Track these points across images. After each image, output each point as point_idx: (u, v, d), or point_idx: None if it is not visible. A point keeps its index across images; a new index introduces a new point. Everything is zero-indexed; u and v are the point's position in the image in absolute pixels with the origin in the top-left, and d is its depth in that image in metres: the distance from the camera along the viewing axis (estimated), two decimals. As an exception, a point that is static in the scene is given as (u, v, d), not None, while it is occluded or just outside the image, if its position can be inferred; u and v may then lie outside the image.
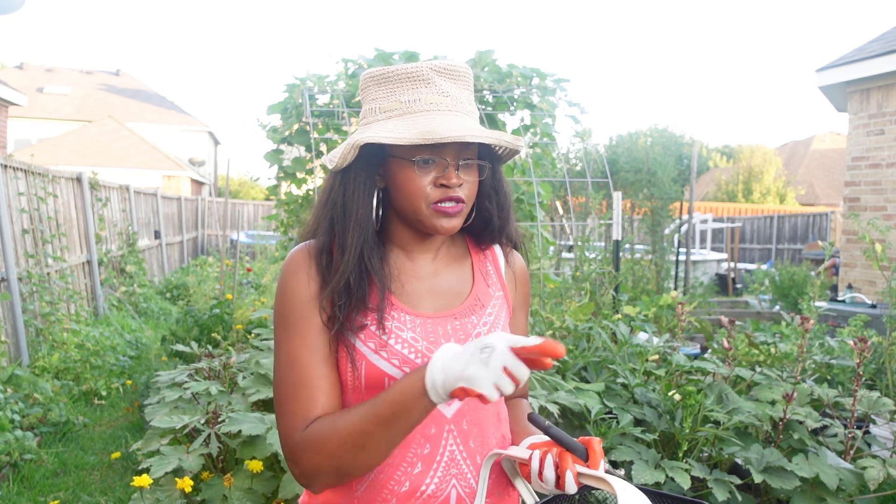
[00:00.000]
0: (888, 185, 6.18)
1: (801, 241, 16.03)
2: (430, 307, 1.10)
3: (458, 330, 1.08)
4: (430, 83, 1.05)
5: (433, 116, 1.03)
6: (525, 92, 4.32)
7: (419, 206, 1.04)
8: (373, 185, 1.07)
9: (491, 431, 1.11)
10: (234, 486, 2.27)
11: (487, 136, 1.01)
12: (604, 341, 2.81)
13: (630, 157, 8.78)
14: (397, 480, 1.02)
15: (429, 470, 1.03)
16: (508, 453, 1.04)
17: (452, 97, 1.06)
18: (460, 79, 1.08)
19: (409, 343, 1.04)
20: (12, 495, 3.32)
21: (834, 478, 2.12)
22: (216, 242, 16.89)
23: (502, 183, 1.15)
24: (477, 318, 1.11)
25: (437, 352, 0.92)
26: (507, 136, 1.05)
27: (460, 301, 1.12)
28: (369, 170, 1.07)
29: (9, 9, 4.82)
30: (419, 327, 1.06)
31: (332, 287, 1.04)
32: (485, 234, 1.18)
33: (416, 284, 1.11)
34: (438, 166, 1.03)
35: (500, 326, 1.13)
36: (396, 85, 1.06)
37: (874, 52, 6.18)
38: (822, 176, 31.42)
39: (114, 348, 5.80)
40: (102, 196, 8.19)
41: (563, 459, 0.96)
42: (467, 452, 1.06)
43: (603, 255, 5.24)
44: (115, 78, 30.87)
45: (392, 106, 1.06)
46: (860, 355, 2.42)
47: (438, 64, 1.07)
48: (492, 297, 1.15)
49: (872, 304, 4.71)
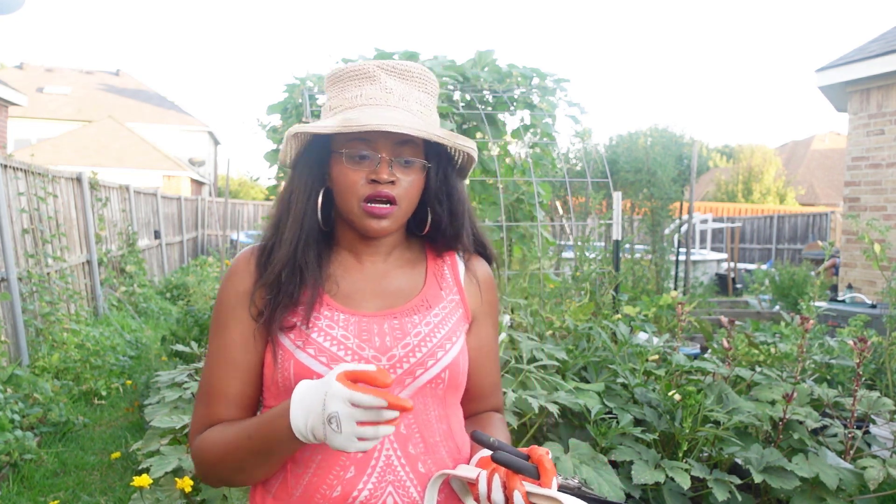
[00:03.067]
0: (888, 185, 6.18)
1: (801, 241, 16.03)
2: (372, 307, 1.06)
3: (395, 329, 1.04)
4: (376, 80, 1.03)
5: (367, 109, 1.01)
6: (525, 92, 4.32)
7: (351, 204, 1.02)
8: (316, 183, 1.05)
9: (438, 440, 1.05)
10: (234, 487, 2.26)
11: (418, 129, 0.96)
12: (604, 341, 2.81)
13: (630, 157, 8.78)
14: (329, 485, 0.98)
15: (362, 475, 0.98)
16: (456, 473, 0.99)
17: (396, 94, 1.03)
18: (412, 79, 1.05)
19: (339, 340, 1.00)
20: (12, 495, 3.32)
21: (834, 478, 2.12)
22: (216, 242, 16.89)
23: (456, 189, 1.10)
24: (420, 317, 1.06)
25: (293, 398, 0.89)
26: (442, 132, 1.00)
27: (405, 301, 1.08)
28: (314, 168, 1.05)
29: (9, 9, 4.82)
30: (353, 325, 1.02)
31: (263, 281, 1.03)
32: (439, 240, 1.14)
33: (360, 285, 1.08)
34: (372, 162, 1.01)
35: (447, 327, 1.07)
36: (346, 83, 1.05)
37: (874, 52, 6.18)
38: (822, 176, 31.41)
39: (114, 348, 5.80)
40: (102, 196, 8.19)
41: (512, 479, 0.91)
42: (406, 458, 1.01)
43: (603, 255, 5.24)
44: (115, 78, 30.86)
45: (339, 103, 1.05)
46: (860, 355, 2.42)
47: (389, 63, 1.05)
48: (443, 299, 1.10)
49: (872, 304, 4.71)
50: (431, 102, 1.09)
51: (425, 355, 1.03)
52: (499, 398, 1.23)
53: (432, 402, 1.05)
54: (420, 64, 1.09)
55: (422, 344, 1.03)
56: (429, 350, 1.03)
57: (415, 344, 1.03)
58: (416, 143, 1.03)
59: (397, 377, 1.01)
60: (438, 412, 1.06)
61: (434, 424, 1.05)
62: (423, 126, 0.99)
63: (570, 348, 2.79)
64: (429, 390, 1.04)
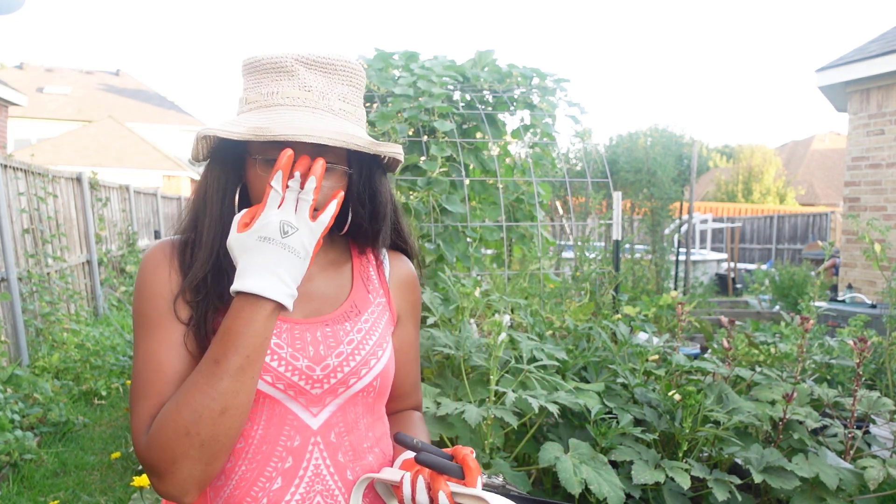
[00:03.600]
0: (888, 185, 6.18)
1: (801, 241, 16.03)
2: (300, 312, 1.02)
3: (328, 336, 1.00)
4: (294, 75, 0.96)
5: (282, 112, 0.94)
6: (525, 92, 4.32)
7: None
8: (230, 183, 1.00)
9: (366, 447, 1.04)
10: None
11: (336, 139, 0.90)
12: (604, 341, 2.81)
13: (630, 157, 8.79)
14: (254, 497, 0.95)
15: (290, 486, 0.96)
16: (380, 476, 0.98)
17: (316, 92, 0.96)
18: (334, 72, 0.98)
19: (272, 349, 0.96)
20: (12, 495, 3.32)
21: (834, 478, 2.12)
22: (216, 242, 16.88)
23: (379, 191, 1.06)
24: (351, 324, 1.04)
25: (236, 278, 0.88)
26: (362, 141, 0.94)
27: (334, 307, 1.05)
28: (227, 165, 1.00)
29: (9, 9, 4.83)
30: (285, 333, 0.98)
31: (188, 283, 0.97)
32: (359, 239, 1.11)
33: None
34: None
35: (377, 333, 1.06)
36: (262, 75, 0.98)
37: (874, 52, 6.18)
38: (822, 176, 31.41)
39: (114, 348, 5.80)
40: (102, 196, 8.19)
41: (436, 480, 0.90)
42: (335, 467, 0.99)
43: (603, 255, 5.24)
44: (115, 78, 30.87)
45: (254, 97, 0.98)
46: (860, 355, 2.42)
47: (309, 55, 0.98)
48: (371, 303, 1.08)
49: (872, 304, 4.71)
50: (356, 97, 1.02)
51: (359, 364, 1.01)
52: (418, 397, 1.23)
53: (363, 409, 1.04)
54: (342, 54, 1.01)
55: (355, 352, 1.01)
56: (362, 358, 1.02)
57: (348, 352, 1.01)
58: (337, 149, 0.98)
59: (330, 387, 0.99)
60: (368, 420, 1.05)
61: (363, 432, 1.04)
62: (344, 132, 0.93)
63: (570, 348, 2.79)
64: (360, 398, 1.03)
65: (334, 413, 1.00)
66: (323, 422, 0.99)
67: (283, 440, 0.96)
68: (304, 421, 0.98)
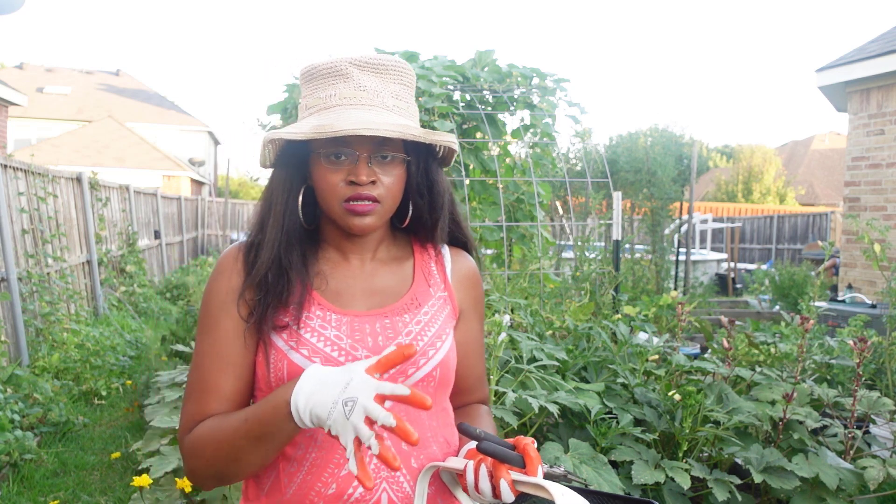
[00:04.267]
0: (888, 185, 6.18)
1: (801, 241, 16.03)
2: (362, 305, 1.07)
3: (387, 328, 1.05)
4: (349, 78, 1.02)
5: (341, 111, 1.00)
6: (525, 92, 4.32)
7: (332, 205, 1.02)
8: (295, 183, 1.05)
9: (430, 436, 1.07)
10: (234, 486, 2.27)
11: (392, 130, 0.95)
12: (604, 341, 2.81)
13: (630, 157, 8.79)
14: (324, 482, 0.99)
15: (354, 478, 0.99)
16: (445, 465, 1.00)
17: (370, 91, 1.02)
18: (386, 72, 1.04)
19: (332, 341, 1.01)
20: (12, 495, 3.32)
21: (834, 478, 2.12)
22: (216, 242, 16.89)
23: (437, 181, 1.10)
24: (410, 316, 1.07)
25: (306, 374, 0.88)
26: (418, 131, 0.99)
27: (395, 300, 1.09)
28: (292, 168, 1.05)
29: (9, 9, 4.82)
30: (345, 325, 1.03)
31: (250, 281, 1.03)
32: (420, 232, 1.15)
33: (349, 283, 1.08)
34: (350, 162, 1.00)
35: (437, 325, 1.08)
36: (319, 81, 1.04)
37: (874, 52, 6.18)
38: (822, 176, 31.42)
39: (114, 348, 5.80)
40: (102, 196, 8.19)
41: (498, 469, 0.93)
42: (399, 455, 1.02)
43: (603, 255, 5.24)
44: (115, 78, 30.86)
45: (314, 102, 1.04)
46: (860, 355, 2.42)
47: (361, 57, 1.04)
48: (431, 296, 1.11)
49: (872, 304, 4.71)
50: (408, 94, 1.07)
51: (417, 354, 1.03)
52: (485, 391, 1.25)
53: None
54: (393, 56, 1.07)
55: (413, 343, 1.03)
56: (420, 349, 1.05)
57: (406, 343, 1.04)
58: (394, 139, 1.02)
59: (390, 376, 1.02)
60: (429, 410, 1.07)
61: (425, 421, 1.07)
62: (399, 124, 0.98)
63: (570, 348, 2.79)
64: (420, 388, 1.06)
65: (396, 403, 1.01)
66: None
67: None
68: None
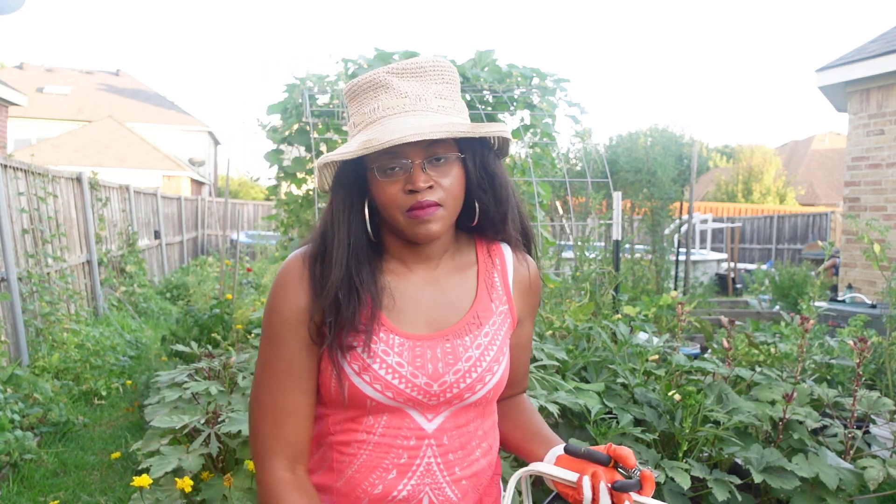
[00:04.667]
0: (888, 185, 6.18)
1: (801, 241, 16.03)
2: (424, 325, 1.07)
3: (447, 353, 1.05)
4: (389, 88, 1.02)
5: (386, 122, 1.00)
6: (525, 92, 4.32)
7: (396, 216, 1.01)
8: (356, 201, 1.05)
9: (474, 444, 1.11)
10: (234, 486, 2.27)
11: (437, 131, 0.95)
12: (604, 341, 2.81)
13: (630, 157, 8.79)
14: (371, 483, 1.04)
15: (402, 478, 1.04)
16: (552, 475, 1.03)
17: (412, 97, 1.02)
18: (426, 74, 1.04)
19: (394, 368, 1.02)
20: (12, 495, 3.32)
21: (834, 478, 2.12)
22: (216, 242, 16.89)
23: (496, 174, 1.08)
24: (471, 339, 1.07)
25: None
26: (465, 127, 0.99)
27: (458, 317, 1.09)
28: (351, 186, 1.05)
29: (9, 9, 4.83)
30: (407, 351, 1.03)
31: (321, 303, 1.03)
32: (487, 228, 1.13)
33: (413, 298, 1.08)
34: (405, 171, 0.99)
35: (496, 347, 1.09)
36: (362, 96, 1.05)
37: (874, 52, 6.18)
38: (822, 176, 31.42)
39: (114, 348, 5.80)
40: (102, 196, 8.19)
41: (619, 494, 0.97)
42: (445, 464, 1.06)
43: (603, 255, 5.24)
44: (115, 78, 30.86)
45: (360, 119, 1.05)
46: (860, 355, 2.42)
47: (398, 66, 1.04)
48: (493, 313, 1.11)
49: (872, 304, 4.71)
50: (453, 91, 1.07)
51: (474, 381, 1.06)
52: (526, 382, 1.30)
53: (474, 415, 1.11)
54: (432, 56, 1.07)
55: (472, 370, 1.06)
56: (478, 375, 1.06)
57: (465, 370, 1.05)
58: (446, 140, 1.02)
59: (446, 399, 1.05)
60: (477, 423, 1.12)
61: (473, 432, 1.11)
62: (444, 123, 0.98)
63: (570, 348, 2.79)
64: (473, 406, 1.09)
65: (448, 418, 1.07)
66: (437, 426, 1.06)
67: (401, 440, 1.04)
68: (420, 425, 1.05)
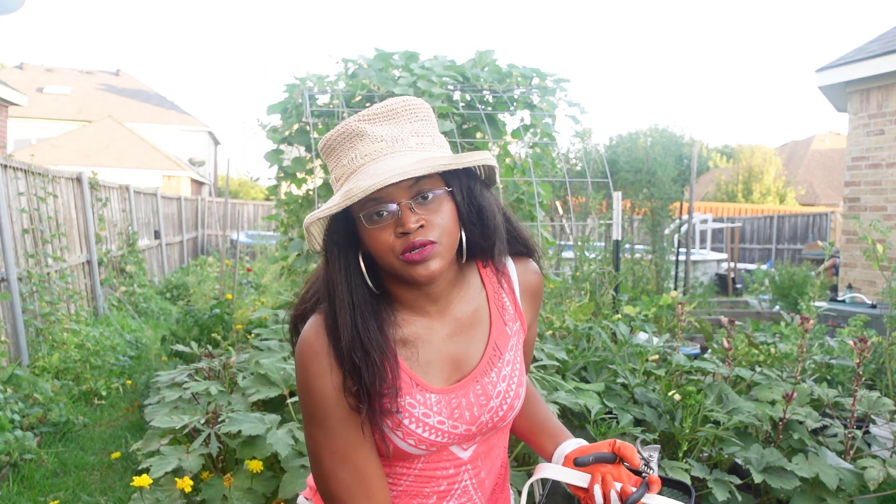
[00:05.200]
0: (888, 185, 6.18)
1: (801, 241, 16.03)
2: (451, 370, 1.08)
3: (479, 395, 1.08)
4: (364, 135, 1.02)
5: (366, 169, 0.99)
6: (525, 92, 4.32)
7: (391, 262, 0.99)
8: (352, 257, 1.03)
9: (497, 453, 1.18)
10: (234, 486, 2.27)
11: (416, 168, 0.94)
12: (604, 341, 2.81)
13: (630, 157, 8.79)
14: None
15: (441, 501, 1.11)
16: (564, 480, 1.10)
17: (389, 139, 1.01)
18: (398, 116, 1.04)
19: (435, 427, 1.05)
20: (12, 495, 3.32)
21: (834, 478, 2.12)
22: (216, 242, 16.89)
23: (484, 206, 1.06)
24: (496, 373, 1.10)
25: None
26: (445, 159, 0.97)
27: (479, 352, 1.10)
28: (343, 242, 1.03)
29: (9, 9, 4.82)
30: (444, 407, 1.05)
31: (347, 372, 1.01)
32: (479, 256, 1.13)
33: (433, 342, 1.08)
34: (393, 214, 0.98)
35: (517, 370, 1.12)
36: (339, 149, 1.04)
37: (874, 52, 6.18)
38: (822, 176, 31.41)
39: (114, 348, 5.80)
40: (102, 196, 8.19)
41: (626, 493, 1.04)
42: (478, 483, 1.14)
43: (603, 255, 5.24)
44: (115, 78, 30.86)
45: (340, 172, 1.04)
46: (860, 355, 2.42)
47: (369, 112, 1.03)
48: (508, 336, 1.13)
49: (872, 304, 4.71)
50: (429, 128, 1.06)
51: (506, 411, 1.11)
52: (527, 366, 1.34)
53: (499, 433, 1.17)
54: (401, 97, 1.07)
55: (503, 403, 1.10)
56: (509, 405, 1.11)
57: (497, 405, 1.10)
58: (430, 176, 1.00)
59: (481, 433, 1.10)
60: (501, 438, 1.19)
61: (498, 450, 1.19)
62: (423, 159, 0.97)
63: (570, 348, 2.79)
64: (502, 429, 1.15)
65: (481, 443, 1.13)
66: (472, 453, 1.12)
67: (440, 471, 1.10)
68: (457, 455, 1.11)
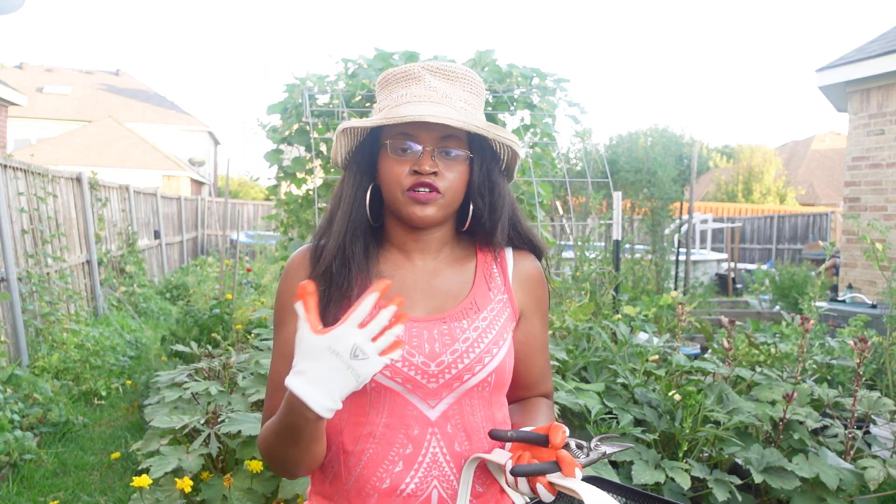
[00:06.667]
0: (888, 185, 6.18)
1: (802, 241, 16.02)
2: (422, 309, 1.09)
3: (444, 334, 1.06)
4: (421, 80, 1.07)
5: (411, 106, 1.04)
6: (525, 92, 4.32)
7: (396, 194, 1.05)
8: (365, 179, 1.10)
9: (483, 436, 1.10)
10: (234, 487, 2.27)
11: (457, 120, 1.00)
12: (604, 341, 2.81)
13: (630, 157, 8.79)
14: (379, 477, 1.04)
15: (409, 470, 1.04)
16: (489, 458, 1.03)
17: (440, 92, 1.06)
18: (456, 79, 1.09)
19: None
20: (12, 495, 3.32)
21: (834, 478, 2.12)
22: (216, 242, 16.89)
23: (497, 185, 1.11)
24: (468, 322, 1.09)
25: (294, 383, 0.89)
26: (483, 125, 1.03)
27: (455, 304, 1.11)
28: (363, 165, 1.10)
29: (9, 9, 4.82)
30: (403, 331, 1.03)
31: (315, 273, 1.07)
32: (480, 234, 1.15)
33: (410, 284, 1.11)
34: (415, 153, 1.04)
35: (494, 331, 1.10)
36: (394, 85, 1.09)
37: (874, 52, 6.18)
38: (822, 176, 31.41)
39: (114, 348, 5.79)
40: (102, 196, 8.18)
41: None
42: (451, 455, 1.06)
43: (603, 255, 5.24)
44: (115, 78, 30.86)
45: (386, 103, 1.09)
46: (860, 355, 2.42)
47: (434, 64, 1.09)
48: (491, 300, 1.12)
49: (872, 304, 4.71)
50: (476, 102, 1.11)
51: (473, 361, 1.06)
52: (548, 385, 1.27)
53: (478, 402, 1.10)
54: (465, 67, 1.12)
55: (469, 350, 1.06)
56: (476, 356, 1.06)
57: (462, 350, 1.06)
58: (459, 138, 1.06)
59: (445, 381, 1.05)
60: (484, 412, 1.11)
61: (479, 422, 1.10)
62: (465, 118, 1.02)
63: (570, 348, 2.79)
64: (476, 392, 1.08)
65: (451, 406, 1.07)
66: (440, 414, 1.06)
67: (405, 429, 1.04)
68: (423, 412, 1.05)
